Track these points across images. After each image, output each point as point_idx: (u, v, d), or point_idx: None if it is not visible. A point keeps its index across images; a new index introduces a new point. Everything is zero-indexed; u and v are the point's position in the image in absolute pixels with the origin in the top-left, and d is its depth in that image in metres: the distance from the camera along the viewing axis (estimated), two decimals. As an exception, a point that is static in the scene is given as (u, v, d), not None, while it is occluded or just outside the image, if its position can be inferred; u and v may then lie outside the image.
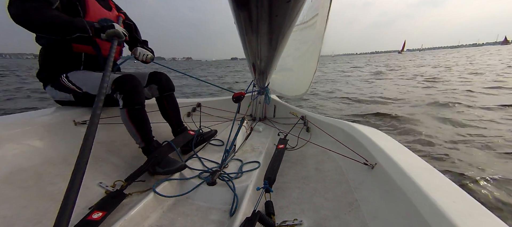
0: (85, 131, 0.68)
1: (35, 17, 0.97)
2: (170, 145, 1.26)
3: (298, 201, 1.01)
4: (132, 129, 1.16)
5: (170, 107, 1.50)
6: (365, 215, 0.79)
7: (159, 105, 1.50)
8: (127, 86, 1.13)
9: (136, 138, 1.19)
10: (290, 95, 2.34)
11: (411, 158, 0.89)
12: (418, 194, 0.63)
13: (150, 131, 1.21)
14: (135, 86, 1.15)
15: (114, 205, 0.87)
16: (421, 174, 0.73)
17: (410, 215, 0.62)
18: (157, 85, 1.44)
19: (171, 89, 1.50)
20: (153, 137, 1.22)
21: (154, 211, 0.95)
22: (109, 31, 1.09)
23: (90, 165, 1.14)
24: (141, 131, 1.17)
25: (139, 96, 1.16)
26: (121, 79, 1.14)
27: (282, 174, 1.25)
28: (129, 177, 1.03)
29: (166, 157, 1.16)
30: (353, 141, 1.17)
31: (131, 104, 1.13)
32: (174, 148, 1.26)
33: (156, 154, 1.13)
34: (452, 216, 0.53)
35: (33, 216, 0.81)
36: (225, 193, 1.05)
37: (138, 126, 1.16)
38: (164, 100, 1.48)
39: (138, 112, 1.16)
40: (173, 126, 1.52)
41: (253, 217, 0.76)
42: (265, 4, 0.65)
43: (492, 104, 4.21)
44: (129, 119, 1.14)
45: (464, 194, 0.64)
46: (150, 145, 1.19)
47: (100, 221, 0.78)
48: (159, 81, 1.44)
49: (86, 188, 1.01)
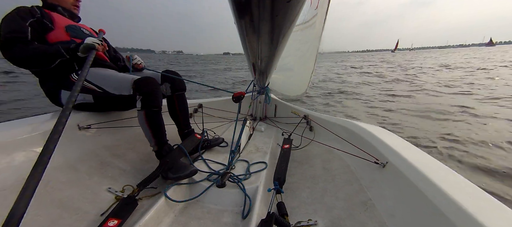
0: (48, 138, 0.66)
1: (20, 56, 1.09)
2: (180, 149, 1.26)
3: (309, 201, 1.02)
4: (148, 132, 1.18)
5: (180, 107, 1.51)
6: (382, 214, 0.79)
7: (169, 104, 1.50)
8: (147, 88, 1.15)
9: (150, 141, 1.20)
10: (290, 95, 2.35)
11: (421, 156, 0.90)
12: (435, 190, 0.64)
13: (164, 135, 1.22)
14: (154, 88, 1.18)
15: (128, 211, 0.86)
16: (435, 171, 0.74)
17: (429, 212, 0.63)
18: (171, 84, 1.46)
19: (183, 89, 1.51)
20: (167, 141, 1.23)
21: (167, 215, 0.95)
22: (82, 48, 1.14)
23: (96, 169, 1.13)
24: (157, 135, 1.19)
25: (157, 99, 1.18)
26: (141, 81, 1.16)
27: (289, 174, 1.25)
28: (141, 183, 1.02)
29: (177, 162, 1.16)
30: (360, 140, 1.17)
31: (149, 107, 1.15)
32: (186, 153, 1.25)
33: (168, 159, 1.13)
34: (472, 210, 0.53)
35: (45, 224, 0.79)
36: (235, 195, 1.05)
37: (154, 129, 1.18)
38: (175, 99, 1.49)
39: (155, 115, 1.18)
40: (181, 126, 1.52)
41: (268, 219, 0.77)
42: (266, 4, 0.65)
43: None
44: (146, 121, 1.16)
45: (481, 191, 0.65)
46: (163, 148, 1.19)
47: None
48: (172, 80, 1.46)
49: (95, 194, 1.00)
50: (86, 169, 1.10)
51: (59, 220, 0.82)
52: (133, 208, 0.90)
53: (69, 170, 1.05)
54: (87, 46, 1.14)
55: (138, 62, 1.51)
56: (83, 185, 1.02)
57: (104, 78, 1.23)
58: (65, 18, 1.28)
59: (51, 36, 1.17)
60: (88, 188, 1.02)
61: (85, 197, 0.97)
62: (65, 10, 1.31)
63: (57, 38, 1.18)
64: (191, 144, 1.41)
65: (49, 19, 1.19)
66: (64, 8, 1.31)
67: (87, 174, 1.08)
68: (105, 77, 1.23)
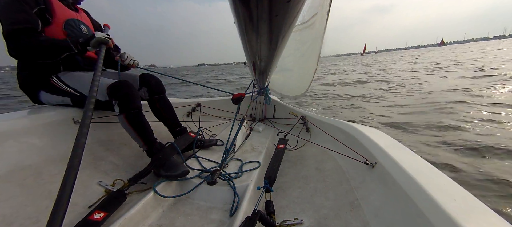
0: (77, 131, 0.69)
1: (27, 50, 1.04)
2: (172, 146, 1.26)
3: (298, 200, 1.01)
4: (133, 133, 1.16)
5: (163, 108, 1.49)
6: (366, 214, 0.78)
7: (152, 108, 1.49)
8: (121, 92, 1.13)
9: (138, 142, 1.18)
10: (290, 95, 2.33)
11: (411, 156, 0.89)
12: (419, 192, 0.63)
13: (151, 134, 1.20)
14: (129, 91, 1.15)
15: (115, 205, 0.87)
16: (422, 172, 0.73)
17: (412, 213, 0.62)
18: (147, 88, 1.43)
19: (161, 91, 1.48)
20: (155, 139, 1.21)
21: (154, 210, 0.95)
22: (93, 42, 1.11)
23: (89, 163, 1.14)
24: (142, 134, 1.17)
25: (134, 100, 1.15)
26: (115, 86, 1.14)
27: (282, 174, 1.24)
28: (132, 179, 1.03)
29: (169, 160, 1.15)
30: (353, 140, 1.17)
31: (128, 109, 1.13)
32: (178, 150, 1.25)
33: (160, 156, 1.13)
34: (454, 213, 0.52)
35: (33, 214, 0.80)
36: (226, 193, 1.05)
37: (138, 130, 1.16)
38: (155, 102, 1.47)
39: (136, 116, 1.16)
40: (170, 126, 1.51)
41: (253, 216, 0.76)
42: (265, 3, 0.65)
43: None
44: (129, 124, 1.14)
45: (466, 192, 0.64)
46: (153, 147, 1.18)
47: (102, 222, 0.78)
48: (148, 84, 1.43)
49: (85, 187, 1.01)
50: None
51: (46, 210, 0.83)
52: (121, 202, 0.90)
53: (61, 162, 1.06)
54: (99, 41, 1.11)
55: (131, 62, 1.43)
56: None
57: (80, 82, 1.20)
58: (65, 9, 1.21)
59: (47, 31, 1.11)
60: (79, 180, 1.02)
61: (75, 189, 0.97)
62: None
63: (53, 35, 1.12)
64: (184, 141, 1.40)
65: (49, 9, 1.12)
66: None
67: (80, 167, 1.09)
68: (81, 81, 1.20)
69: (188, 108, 2.17)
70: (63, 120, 1.19)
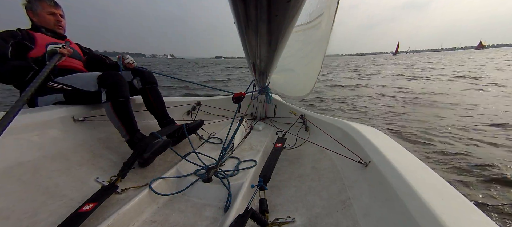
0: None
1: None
2: (154, 134, 1.27)
3: (293, 199, 1.01)
4: (117, 122, 1.21)
5: (155, 99, 1.57)
6: (357, 213, 0.78)
7: (144, 98, 1.58)
8: (110, 80, 1.20)
9: (121, 131, 1.23)
10: (293, 95, 2.32)
11: (405, 156, 0.88)
12: (408, 192, 0.63)
13: (135, 124, 1.25)
14: (118, 80, 1.22)
15: (104, 196, 0.88)
16: (413, 172, 0.73)
17: (400, 213, 0.62)
18: (140, 77, 1.54)
19: (153, 82, 1.58)
20: (138, 129, 1.26)
21: (149, 206, 0.95)
22: (47, 56, 1.22)
23: (87, 160, 1.15)
24: (126, 123, 1.22)
25: (122, 89, 1.22)
26: (104, 75, 1.22)
27: (279, 173, 1.24)
28: (120, 170, 1.05)
29: (150, 144, 1.19)
30: (349, 139, 1.16)
31: (115, 97, 1.19)
32: (158, 136, 1.26)
33: (142, 144, 1.16)
34: (440, 214, 0.52)
35: (29, 209, 0.82)
36: (221, 190, 1.05)
37: (123, 119, 1.21)
38: (148, 92, 1.56)
39: (122, 105, 1.21)
40: (159, 118, 1.58)
41: (245, 213, 0.77)
42: (264, 3, 0.64)
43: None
44: (114, 112, 1.20)
45: (455, 192, 0.63)
46: (134, 136, 1.22)
47: (90, 212, 0.79)
48: (142, 74, 1.55)
49: (83, 183, 1.02)
50: (78, 159, 1.13)
51: (42, 206, 0.84)
52: (110, 192, 0.92)
53: (60, 159, 1.07)
54: (50, 52, 1.23)
55: (130, 62, 1.55)
56: (72, 174, 1.04)
57: (71, 77, 1.31)
58: (48, 37, 1.36)
59: (32, 54, 1.24)
60: (76, 177, 1.04)
61: (72, 185, 0.99)
62: (48, 30, 1.38)
63: (37, 55, 1.24)
64: (168, 129, 1.44)
65: (31, 39, 1.27)
66: (47, 28, 1.38)
67: (78, 164, 1.11)
68: (72, 76, 1.31)
69: (188, 107, 2.18)
70: (63, 118, 1.21)
